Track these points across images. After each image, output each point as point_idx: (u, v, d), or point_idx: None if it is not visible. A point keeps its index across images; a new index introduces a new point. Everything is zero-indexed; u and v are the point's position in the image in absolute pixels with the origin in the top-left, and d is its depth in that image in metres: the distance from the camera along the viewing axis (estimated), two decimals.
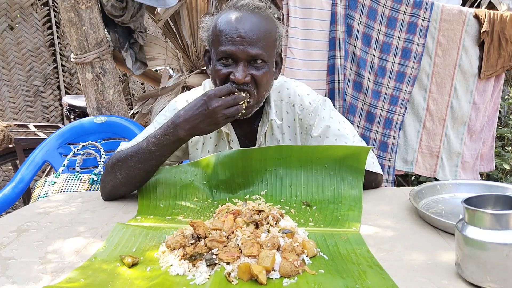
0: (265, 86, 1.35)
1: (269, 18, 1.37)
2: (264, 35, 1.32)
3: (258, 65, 1.32)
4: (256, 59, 1.31)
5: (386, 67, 2.70)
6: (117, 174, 1.33)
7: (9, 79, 4.50)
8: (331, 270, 0.91)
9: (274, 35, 1.36)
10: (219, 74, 1.33)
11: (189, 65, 3.22)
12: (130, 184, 1.35)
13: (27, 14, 4.51)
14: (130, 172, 1.32)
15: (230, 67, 1.31)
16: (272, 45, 1.35)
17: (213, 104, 1.23)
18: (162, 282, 0.87)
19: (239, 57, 1.29)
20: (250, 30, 1.29)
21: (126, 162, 1.32)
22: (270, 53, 1.34)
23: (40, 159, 2.17)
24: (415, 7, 2.65)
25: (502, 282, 0.80)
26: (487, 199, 0.91)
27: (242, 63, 1.30)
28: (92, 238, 1.10)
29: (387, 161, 2.81)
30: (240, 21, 1.30)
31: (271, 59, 1.36)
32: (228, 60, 1.31)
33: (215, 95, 1.24)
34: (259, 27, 1.31)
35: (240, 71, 1.29)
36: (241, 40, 1.28)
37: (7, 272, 0.94)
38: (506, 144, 3.70)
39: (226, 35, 1.30)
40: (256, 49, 1.29)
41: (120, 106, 2.73)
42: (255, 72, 1.31)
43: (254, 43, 1.29)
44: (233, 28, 1.30)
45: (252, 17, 1.32)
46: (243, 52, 1.29)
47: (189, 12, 3.04)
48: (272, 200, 1.30)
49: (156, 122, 1.49)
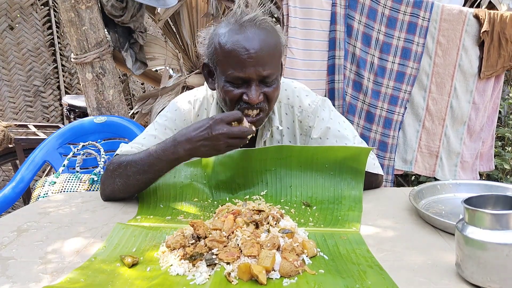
0: (276, 98, 1.36)
1: (274, 30, 1.33)
2: (273, 51, 1.29)
3: (269, 82, 1.30)
4: (267, 78, 1.29)
5: (386, 67, 2.70)
6: (116, 180, 1.32)
7: (9, 79, 4.50)
8: (331, 270, 0.91)
9: (280, 47, 1.34)
10: (230, 96, 1.30)
11: (189, 65, 3.22)
12: (128, 191, 1.34)
13: (27, 14, 4.51)
14: (128, 180, 1.30)
15: (241, 87, 1.29)
16: (279, 57, 1.34)
17: (218, 130, 1.16)
18: (162, 282, 0.87)
19: (251, 79, 1.27)
20: (260, 50, 1.25)
21: (125, 171, 1.30)
22: (278, 67, 1.34)
23: (40, 159, 2.17)
24: (415, 7, 2.65)
25: (502, 282, 0.80)
26: (487, 199, 0.91)
27: (254, 83, 1.27)
28: (92, 238, 1.10)
29: (386, 160, 2.82)
30: (247, 40, 1.25)
31: (279, 71, 1.35)
32: (239, 82, 1.29)
33: (222, 120, 1.17)
34: (268, 44, 1.28)
35: (254, 92, 1.27)
36: (252, 61, 1.24)
37: (7, 272, 0.94)
38: (506, 144, 3.70)
39: (236, 57, 1.25)
40: (267, 69, 1.27)
41: (120, 106, 2.73)
42: (267, 90, 1.30)
43: (265, 62, 1.26)
44: (242, 48, 1.24)
45: (259, 34, 1.27)
46: (255, 74, 1.26)
47: (189, 12, 3.04)
48: (272, 200, 1.30)
49: (156, 123, 1.49)
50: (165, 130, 1.46)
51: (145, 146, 1.42)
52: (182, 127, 1.47)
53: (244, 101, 1.29)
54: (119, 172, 1.31)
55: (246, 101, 1.28)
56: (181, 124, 1.48)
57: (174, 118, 1.48)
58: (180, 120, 1.48)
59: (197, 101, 1.50)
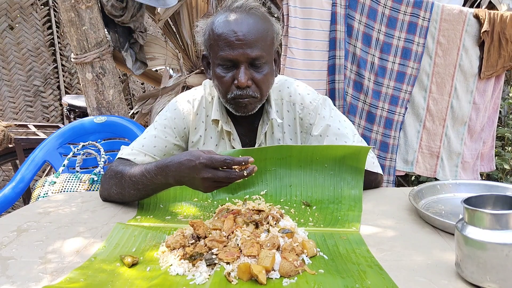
0: (266, 85, 1.37)
1: (265, 17, 1.37)
2: (262, 36, 1.32)
3: (258, 66, 1.32)
4: (256, 60, 1.31)
5: (386, 67, 2.70)
6: (113, 188, 1.32)
7: (9, 79, 4.50)
8: (331, 270, 0.91)
9: (272, 33, 1.36)
10: (222, 82, 1.33)
11: (189, 65, 3.22)
12: (124, 200, 1.34)
13: (27, 14, 4.51)
14: (123, 191, 1.30)
15: (231, 71, 1.32)
16: (270, 44, 1.36)
17: (203, 174, 1.10)
18: (162, 282, 0.87)
19: (239, 60, 1.30)
20: (248, 32, 1.29)
21: (121, 182, 1.29)
22: (269, 52, 1.35)
23: (40, 159, 2.17)
24: (415, 7, 2.65)
25: (502, 282, 0.80)
26: (487, 199, 0.91)
27: (243, 66, 1.30)
28: (92, 238, 1.10)
29: (387, 161, 2.81)
30: (236, 24, 1.30)
31: (270, 58, 1.36)
32: (229, 65, 1.32)
33: (207, 166, 1.11)
34: (257, 28, 1.31)
35: (242, 74, 1.29)
36: (240, 43, 1.28)
37: (7, 272, 0.94)
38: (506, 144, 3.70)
39: (225, 39, 1.29)
40: (256, 51, 1.29)
41: (120, 106, 2.73)
42: (257, 75, 1.32)
43: (253, 45, 1.29)
44: (231, 31, 1.29)
45: (248, 18, 1.32)
46: (243, 55, 1.29)
47: (189, 12, 3.04)
48: (272, 200, 1.30)
49: (156, 122, 1.50)
50: (165, 129, 1.47)
51: (146, 146, 1.43)
52: (181, 126, 1.48)
53: (235, 85, 1.31)
54: (115, 182, 1.31)
55: (236, 85, 1.31)
56: (180, 123, 1.48)
57: (174, 117, 1.49)
58: (179, 119, 1.49)
59: (196, 100, 1.51)
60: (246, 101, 1.34)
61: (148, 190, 1.26)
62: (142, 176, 1.24)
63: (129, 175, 1.27)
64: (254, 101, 1.35)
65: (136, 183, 1.25)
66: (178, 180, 1.17)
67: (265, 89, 1.36)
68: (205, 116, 1.50)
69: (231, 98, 1.35)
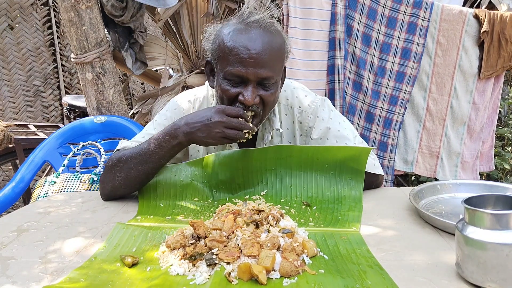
0: (272, 104, 1.34)
1: (279, 34, 1.32)
2: (275, 55, 1.28)
3: (267, 85, 1.29)
4: (266, 80, 1.28)
5: (386, 67, 2.70)
6: (117, 175, 1.32)
7: (9, 79, 4.50)
8: (331, 270, 0.91)
9: (283, 52, 1.33)
10: (227, 94, 1.29)
11: (189, 65, 3.22)
12: (129, 186, 1.35)
13: (27, 14, 4.51)
14: (129, 173, 1.31)
15: (239, 87, 1.28)
16: (281, 62, 1.33)
17: (217, 118, 1.20)
18: (162, 282, 0.87)
19: (249, 79, 1.26)
20: (262, 51, 1.24)
21: (126, 164, 1.31)
22: (279, 72, 1.32)
23: (40, 159, 2.16)
24: (415, 7, 2.65)
25: (502, 282, 0.80)
26: (487, 199, 0.91)
27: (251, 84, 1.26)
28: (92, 238, 1.10)
29: (386, 160, 2.82)
30: (250, 40, 1.24)
31: (279, 76, 1.33)
32: (236, 80, 1.28)
33: (223, 111, 1.21)
34: (271, 47, 1.26)
35: (250, 93, 1.26)
36: (252, 62, 1.24)
37: (7, 272, 0.94)
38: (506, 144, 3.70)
39: (236, 55, 1.24)
40: (267, 71, 1.26)
41: (120, 106, 2.73)
42: (264, 93, 1.29)
43: (266, 65, 1.25)
44: (244, 48, 1.24)
45: (263, 36, 1.26)
46: (254, 74, 1.25)
47: (189, 12, 3.04)
48: (272, 200, 1.30)
49: (156, 122, 1.49)
50: None
51: None
52: None
53: (239, 101, 1.28)
54: (120, 167, 1.32)
55: (241, 102, 1.27)
56: None
57: (174, 117, 1.48)
58: None
59: (197, 101, 1.50)
60: None
61: (155, 160, 1.29)
62: (149, 145, 1.28)
63: (135, 151, 1.30)
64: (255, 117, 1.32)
65: (144, 155, 1.28)
66: (189, 132, 1.23)
67: (269, 107, 1.34)
68: None
69: None
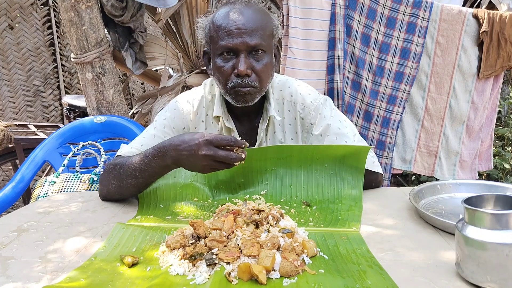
0: (266, 75, 1.38)
1: (263, 10, 1.40)
2: (261, 25, 1.35)
3: (258, 55, 1.34)
4: (256, 49, 1.33)
5: (385, 67, 2.70)
6: (111, 182, 1.32)
7: (9, 79, 4.50)
8: (331, 270, 0.91)
9: (271, 25, 1.39)
10: (222, 72, 1.35)
11: (189, 65, 3.22)
12: (122, 194, 1.34)
13: (27, 14, 4.51)
14: (122, 183, 1.30)
15: (231, 61, 1.34)
16: (270, 35, 1.38)
17: (204, 150, 1.12)
18: (162, 282, 0.87)
19: (239, 49, 1.32)
20: (247, 21, 1.32)
21: (119, 174, 1.29)
22: (268, 43, 1.37)
23: (40, 159, 2.16)
24: (414, 7, 2.65)
25: (502, 282, 0.80)
26: (487, 199, 0.91)
27: (242, 54, 1.32)
28: (92, 238, 1.10)
29: (384, 159, 2.83)
30: (236, 14, 1.33)
31: (270, 49, 1.38)
32: (229, 54, 1.34)
33: (211, 142, 1.12)
34: (255, 18, 1.34)
35: (242, 63, 1.31)
36: (239, 32, 1.31)
37: (7, 272, 0.94)
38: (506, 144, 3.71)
39: (224, 29, 1.32)
40: (255, 39, 1.32)
41: (120, 106, 2.73)
42: (256, 64, 1.34)
43: (252, 33, 1.32)
44: (230, 21, 1.32)
45: (247, 9, 1.35)
46: (242, 43, 1.31)
47: (189, 12, 3.04)
48: (272, 200, 1.30)
49: (156, 122, 1.50)
50: (164, 129, 1.47)
51: (145, 145, 1.42)
52: (181, 126, 1.49)
53: (234, 74, 1.33)
54: (114, 175, 1.31)
55: (236, 74, 1.32)
56: (180, 123, 1.48)
57: (173, 117, 1.49)
58: (179, 119, 1.49)
59: (196, 100, 1.51)
60: (246, 90, 1.34)
61: (145, 177, 1.27)
62: (140, 161, 1.26)
63: (128, 163, 1.29)
64: (253, 91, 1.36)
65: (134, 170, 1.26)
66: (176, 158, 1.18)
67: (264, 79, 1.37)
68: (205, 116, 1.50)
69: (231, 88, 1.35)
